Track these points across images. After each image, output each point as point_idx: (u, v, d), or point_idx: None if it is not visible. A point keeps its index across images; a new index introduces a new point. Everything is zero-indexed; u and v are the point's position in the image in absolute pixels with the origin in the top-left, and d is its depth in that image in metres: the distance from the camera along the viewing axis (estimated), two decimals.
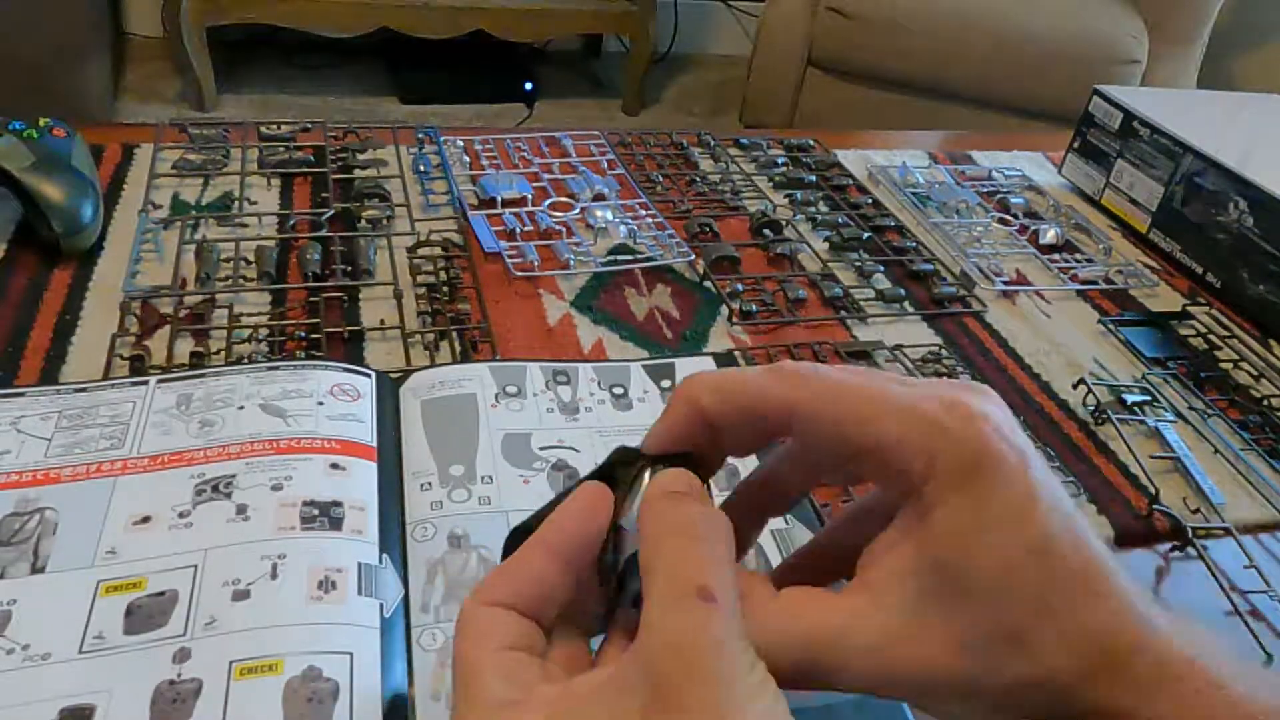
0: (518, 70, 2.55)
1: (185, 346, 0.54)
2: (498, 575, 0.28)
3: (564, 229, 0.70)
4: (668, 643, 0.24)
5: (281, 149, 0.74)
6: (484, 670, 0.26)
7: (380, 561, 0.40)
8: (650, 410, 0.52)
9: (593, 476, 0.31)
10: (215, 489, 0.42)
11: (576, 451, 0.48)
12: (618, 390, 0.53)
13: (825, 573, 0.30)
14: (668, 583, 0.25)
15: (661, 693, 0.23)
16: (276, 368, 0.49)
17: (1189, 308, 0.73)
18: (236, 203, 0.67)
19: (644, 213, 0.73)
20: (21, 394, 0.47)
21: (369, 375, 0.50)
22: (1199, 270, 0.78)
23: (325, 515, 0.41)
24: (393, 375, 0.51)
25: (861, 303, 0.67)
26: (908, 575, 0.26)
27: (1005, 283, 0.72)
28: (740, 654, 0.24)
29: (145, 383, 0.48)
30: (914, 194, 0.83)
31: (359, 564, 0.39)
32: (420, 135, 0.79)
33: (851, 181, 0.84)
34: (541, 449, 0.48)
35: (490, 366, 0.52)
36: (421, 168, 0.75)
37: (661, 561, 0.26)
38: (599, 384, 0.53)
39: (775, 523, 0.45)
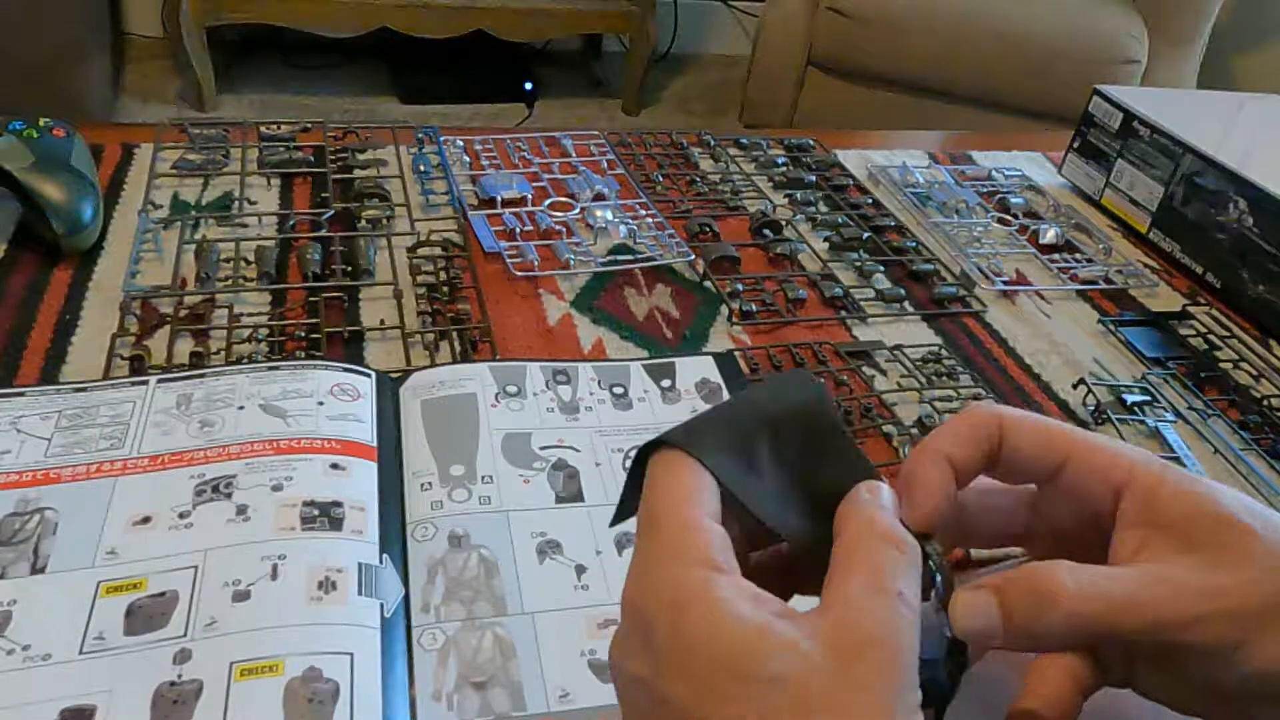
0: (518, 70, 2.55)
1: (185, 346, 0.54)
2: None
3: (564, 229, 0.70)
4: (867, 625, 0.25)
5: (281, 149, 0.74)
6: (696, 527, 0.27)
7: (380, 561, 0.40)
8: (650, 410, 0.52)
9: None
10: (215, 489, 0.42)
11: (577, 451, 0.48)
12: (618, 390, 0.53)
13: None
14: (873, 578, 0.27)
15: (847, 663, 0.25)
16: (276, 368, 0.49)
17: (1189, 308, 0.73)
18: (236, 203, 0.67)
19: (644, 213, 0.73)
20: (21, 394, 0.47)
21: (369, 375, 0.50)
22: (1199, 270, 0.78)
23: (325, 515, 0.41)
24: (392, 375, 0.51)
25: (861, 303, 0.67)
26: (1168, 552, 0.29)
27: (1005, 283, 0.72)
28: (914, 668, 0.25)
29: (145, 383, 0.48)
30: (914, 194, 0.83)
31: (359, 564, 0.39)
32: (420, 135, 0.79)
33: (851, 181, 0.84)
34: (542, 448, 0.48)
35: (490, 366, 0.52)
36: (421, 168, 0.75)
37: (866, 560, 0.27)
38: (599, 384, 0.53)
39: None
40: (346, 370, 0.50)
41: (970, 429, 0.32)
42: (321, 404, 0.47)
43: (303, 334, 0.55)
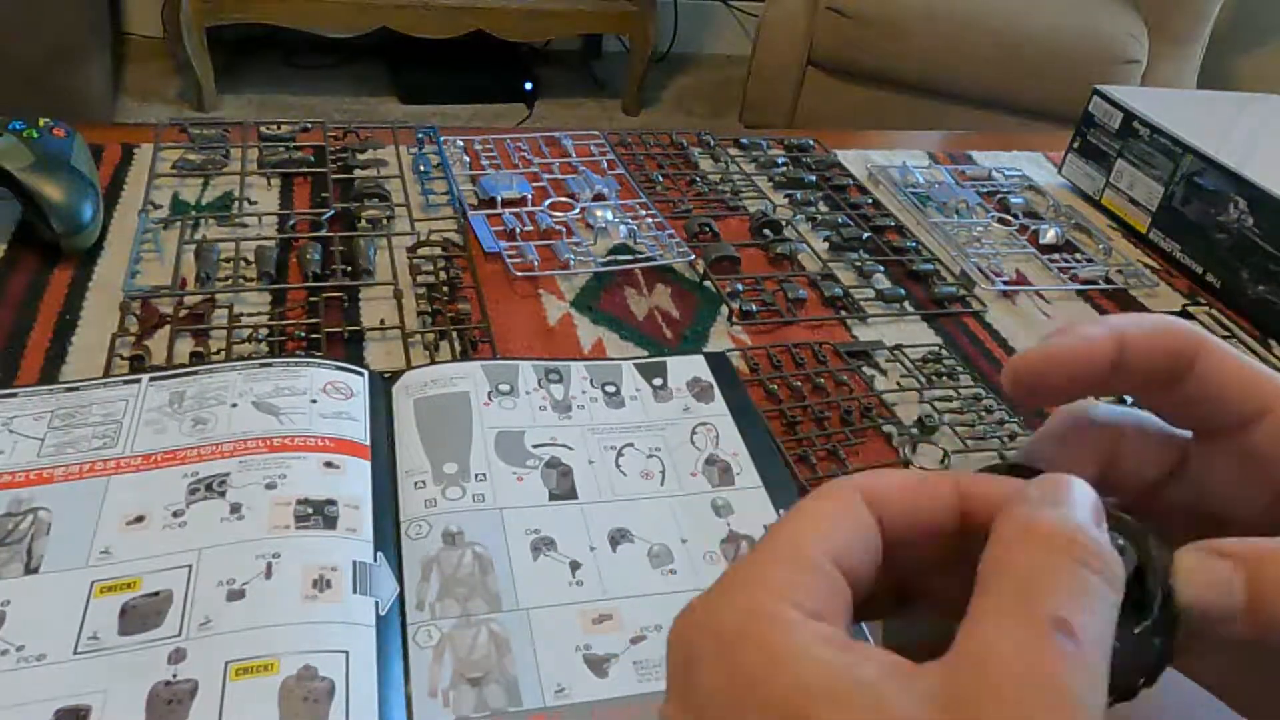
0: (518, 70, 2.55)
1: (185, 346, 0.54)
2: (886, 476, 0.24)
3: (564, 229, 0.70)
4: (1001, 668, 0.18)
5: (281, 149, 0.74)
6: (790, 558, 0.21)
7: (375, 560, 0.40)
8: (642, 408, 0.52)
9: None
10: (209, 488, 0.42)
11: (570, 449, 0.48)
12: (610, 388, 0.53)
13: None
14: (1017, 598, 0.19)
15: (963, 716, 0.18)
16: (269, 364, 0.49)
17: (1189, 308, 0.73)
18: (236, 203, 0.67)
19: (644, 213, 0.73)
20: (14, 394, 0.47)
21: (362, 374, 0.50)
22: (1199, 270, 0.78)
23: (319, 514, 0.41)
24: (385, 374, 0.51)
25: (861, 303, 0.67)
26: None
27: (1005, 283, 0.72)
28: None
29: (138, 381, 0.48)
30: (914, 194, 0.83)
31: (354, 562, 0.39)
32: (420, 135, 0.79)
33: (851, 181, 0.84)
34: (535, 446, 0.48)
35: (483, 365, 0.52)
36: (421, 168, 0.75)
37: (1014, 570, 0.20)
38: (591, 382, 0.53)
39: None
40: (339, 368, 0.50)
41: (1163, 336, 0.26)
42: (315, 402, 0.47)
43: (303, 334, 0.55)
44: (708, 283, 0.67)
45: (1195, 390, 0.26)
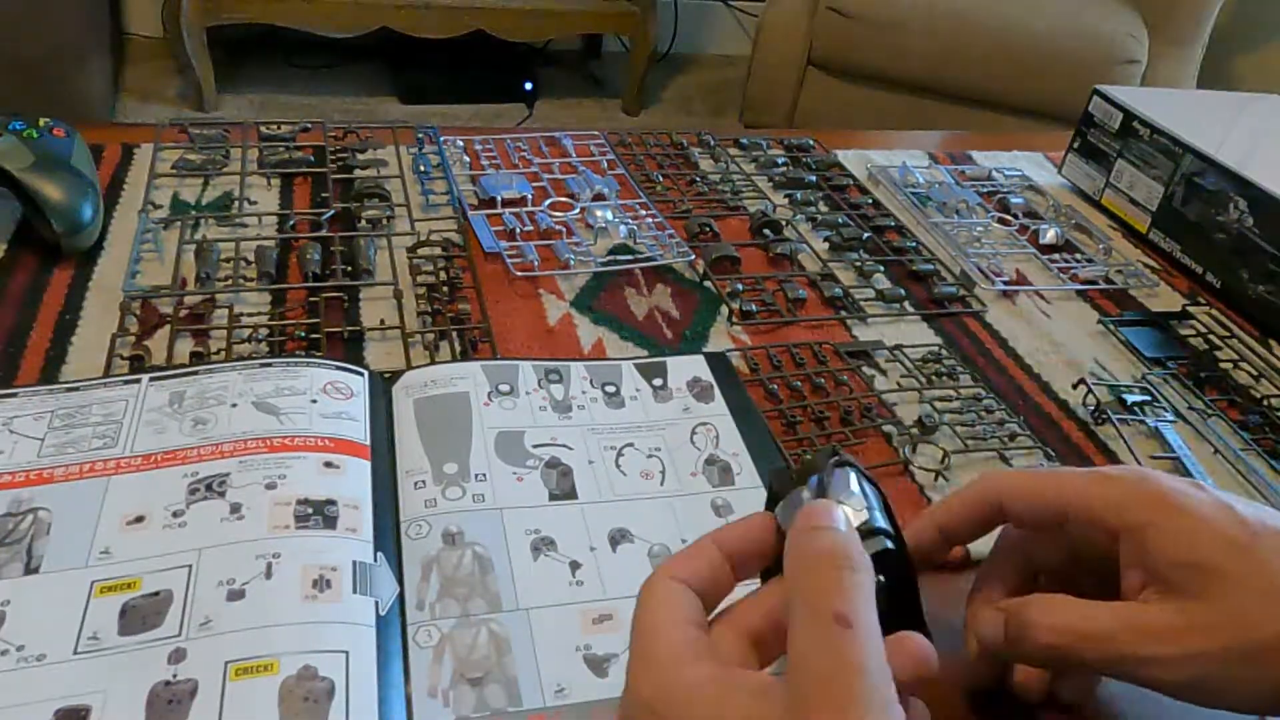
0: (518, 70, 2.55)
1: (185, 346, 0.54)
2: (681, 559, 0.32)
3: (564, 229, 0.70)
4: (807, 667, 0.26)
5: (281, 149, 0.74)
6: (661, 631, 0.29)
7: (375, 560, 0.40)
8: (642, 408, 0.52)
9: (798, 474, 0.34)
10: (209, 488, 0.42)
11: (569, 449, 0.48)
12: (610, 389, 0.53)
13: None
14: (807, 609, 0.27)
15: (798, 712, 0.25)
16: (269, 364, 0.49)
17: (1189, 308, 0.73)
18: (236, 203, 0.67)
19: (644, 213, 0.73)
20: (14, 394, 0.47)
21: (361, 374, 0.50)
22: (1199, 270, 0.78)
23: (319, 514, 0.41)
24: (385, 374, 0.51)
25: (861, 303, 0.67)
26: (1154, 593, 0.33)
27: (1005, 283, 0.72)
28: (880, 684, 0.25)
29: (138, 381, 0.48)
30: (914, 194, 0.83)
31: (354, 562, 0.39)
32: (420, 135, 0.79)
33: (851, 181, 0.84)
34: (535, 446, 0.48)
35: (483, 365, 0.52)
36: (421, 168, 0.75)
37: (801, 587, 0.28)
38: (591, 382, 0.53)
39: None
40: (339, 368, 0.50)
41: (965, 507, 0.37)
42: (314, 402, 0.47)
43: (303, 334, 0.55)
44: (708, 283, 0.67)
45: (1015, 521, 0.37)
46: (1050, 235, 0.79)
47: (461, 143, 0.79)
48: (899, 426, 0.55)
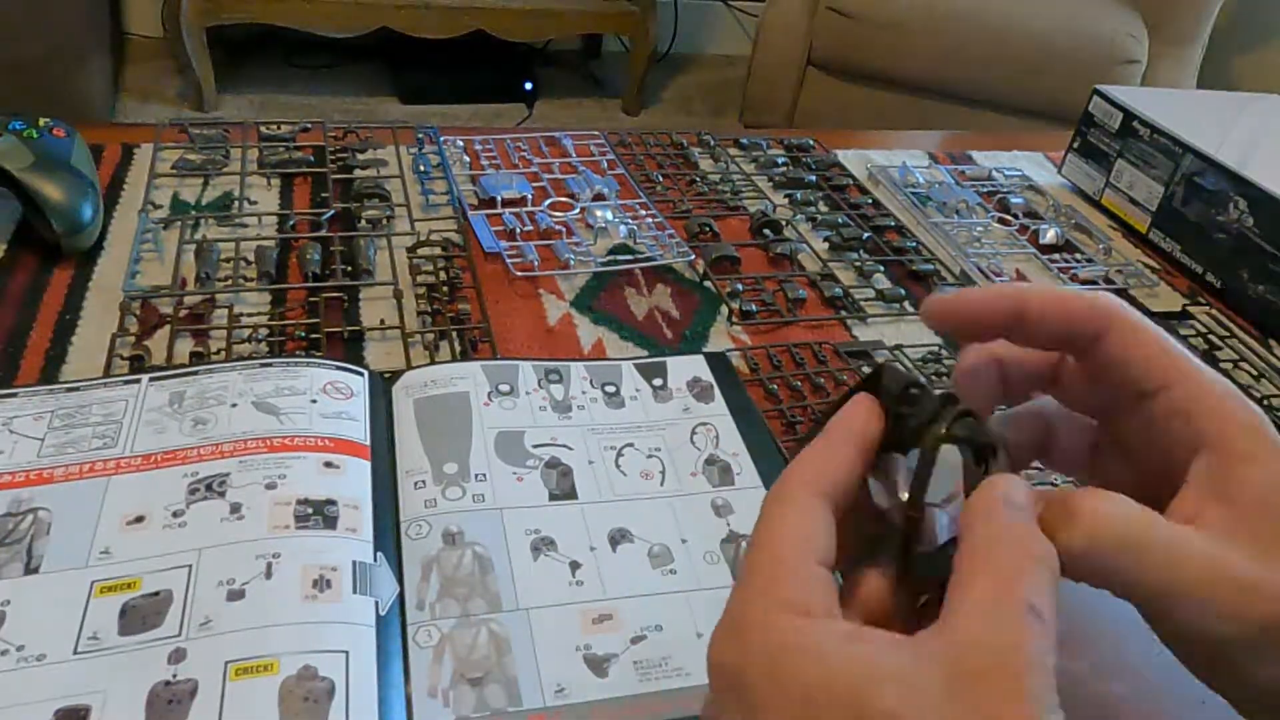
0: (518, 70, 2.55)
1: (185, 346, 0.54)
2: (821, 461, 0.28)
3: (564, 229, 0.70)
4: (987, 643, 0.23)
5: (281, 149, 0.74)
6: (793, 572, 0.26)
7: (375, 560, 0.40)
8: (642, 408, 0.52)
9: (864, 386, 0.30)
10: (209, 488, 0.42)
11: (570, 449, 0.48)
12: (610, 389, 0.53)
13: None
14: (999, 588, 0.24)
15: (966, 688, 0.23)
16: (269, 364, 0.49)
17: (1189, 308, 0.73)
18: (236, 203, 0.67)
19: (644, 213, 0.73)
20: (14, 394, 0.47)
21: (361, 374, 0.50)
22: (1199, 270, 0.78)
23: (319, 514, 0.41)
24: (385, 374, 0.51)
25: (861, 303, 0.67)
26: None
27: (1005, 283, 0.72)
28: (1052, 684, 0.23)
29: (138, 381, 0.48)
30: (914, 194, 0.83)
31: (354, 562, 0.39)
32: (420, 135, 0.79)
33: (851, 181, 0.84)
34: (535, 446, 0.48)
35: (483, 365, 0.52)
36: (421, 168, 0.75)
37: (994, 568, 0.25)
38: (591, 382, 0.53)
39: None
40: (339, 368, 0.50)
41: (1065, 304, 0.31)
42: (314, 402, 0.47)
43: (303, 334, 0.55)
44: (708, 283, 0.67)
45: (1101, 361, 0.30)
46: (1050, 235, 0.79)
47: (461, 143, 0.79)
48: None
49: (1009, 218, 0.82)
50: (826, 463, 0.28)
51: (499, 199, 0.71)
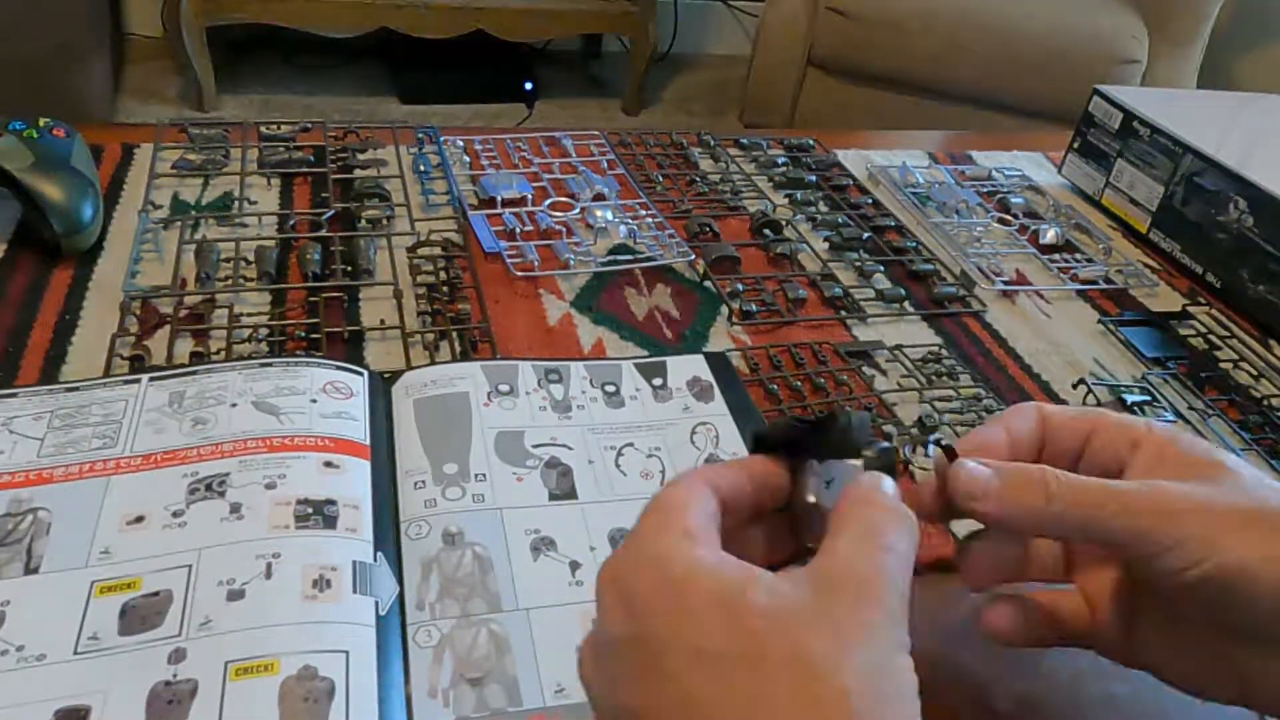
0: (518, 70, 2.55)
1: (185, 346, 0.54)
2: (712, 469, 0.32)
3: (564, 229, 0.70)
4: (848, 568, 0.27)
5: (281, 149, 0.74)
6: (687, 506, 0.30)
7: (375, 560, 0.40)
8: (641, 408, 0.52)
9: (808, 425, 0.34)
10: (209, 488, 0.42)
11: (569, 449, 0.48)
12: (610, 388, 0.53)
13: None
14: (860, 529, 0.28)
15: (829, 593, 0.26)
16: (269, 364, 0.49)
17: (1189, 308, 0.73)
18: (236, 203, 0.67)
19: (644, 213, 0.73)
20: (14, 394, 0.47)
21: (361, 374, 0.50)
22: (1199, 270, 0.78)
23: (319, 514, 0.41)
24: (385, 374, 0.51)
25: (861, 303, 0.67)
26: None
27: (1005, 283, 0.72)
28: (904, 603, 0.27)
29: (137, 381, 0.48)
30: (914, 194, 0.83)
31: (353, 562, 0.39)
32: (420, 135, 0.79)
33: (851, 181, 0.84)
34: (535, 446, 0.48)
35: (482, 365, 0.52)
36: (421, 168, 0.75)
37: (859, 520, 0.29)
38: (591, 382, 0.53)
39: None
40: (339, 368, 0.50)
41: (1012, 420, 0.36)
42: (314, 401, 0.47)
43: (303, 334, 0.55)
44: (708, 283, 0.67)
45: (1049, 435, 0.36)
46: (1050, 235, 0.79)
47: (461, 143, 0.79)
48: (899, 426, 0.55)
49: (1009, 218, 0.82)
50: (717, 469, 0.33)
51: (499, 199, 0.71)
